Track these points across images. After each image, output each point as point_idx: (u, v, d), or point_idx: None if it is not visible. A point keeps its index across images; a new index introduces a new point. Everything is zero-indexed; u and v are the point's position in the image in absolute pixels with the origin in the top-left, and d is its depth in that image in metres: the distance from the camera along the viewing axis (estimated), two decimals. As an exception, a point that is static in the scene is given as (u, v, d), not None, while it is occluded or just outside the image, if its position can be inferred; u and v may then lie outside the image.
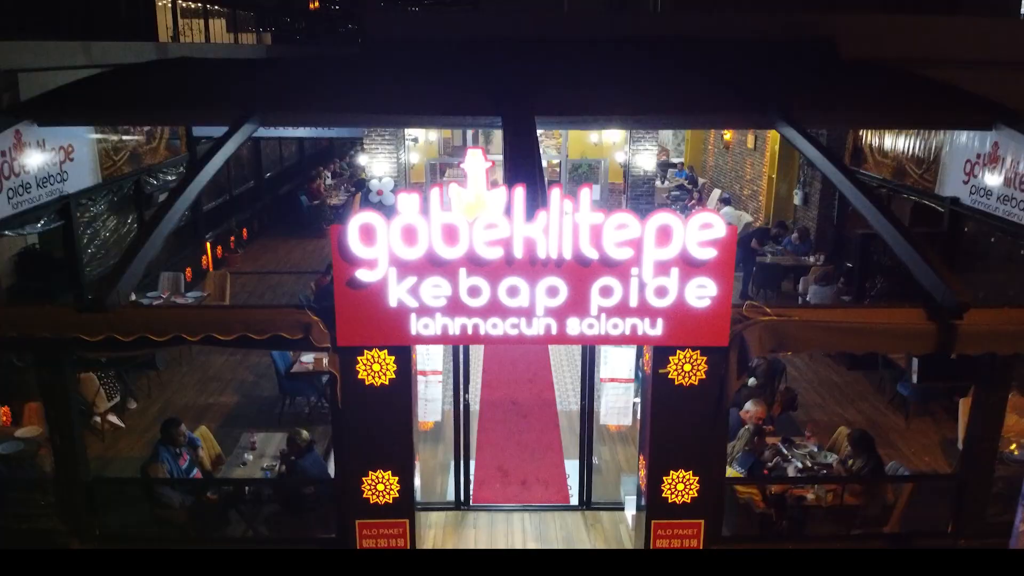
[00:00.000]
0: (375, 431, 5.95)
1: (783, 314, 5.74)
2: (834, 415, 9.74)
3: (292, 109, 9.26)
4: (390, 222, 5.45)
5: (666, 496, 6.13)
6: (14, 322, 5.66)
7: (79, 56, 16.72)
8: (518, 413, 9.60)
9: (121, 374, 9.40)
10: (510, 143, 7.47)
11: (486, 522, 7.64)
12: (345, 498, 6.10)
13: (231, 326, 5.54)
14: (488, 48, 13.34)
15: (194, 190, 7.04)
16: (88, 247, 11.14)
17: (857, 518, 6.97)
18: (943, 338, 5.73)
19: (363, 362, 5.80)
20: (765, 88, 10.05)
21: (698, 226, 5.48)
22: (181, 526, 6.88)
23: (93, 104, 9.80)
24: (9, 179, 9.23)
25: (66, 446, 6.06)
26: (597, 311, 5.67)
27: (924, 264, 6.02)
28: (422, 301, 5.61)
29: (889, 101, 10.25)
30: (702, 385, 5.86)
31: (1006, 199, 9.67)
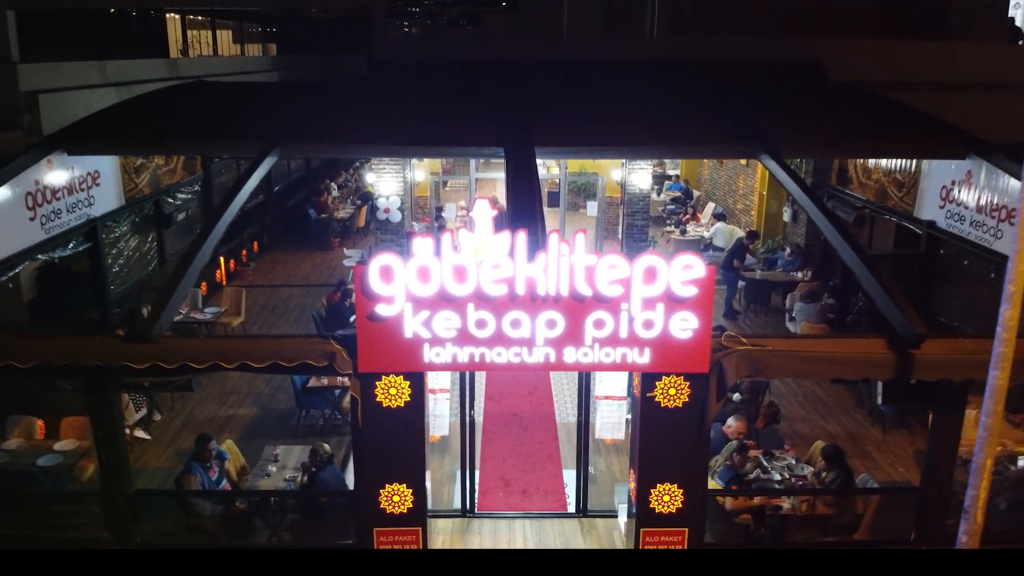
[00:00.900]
0: (391, 448, 6.65)
1: (758, 344, 6.43)
2: (816, 427, 10.43)
3: (309, 141, 9.94)
4: (406, 263, 6.14)
5: (654, 506, 6.82)
6: (67, 352, 6.35)
7: (94, 75, 17.45)
8: (519, 425, 10.29)
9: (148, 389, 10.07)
10: (512, 179, 8.16)
11: (490, 529, 8.34)
12: (364, 508, 6.79)
13: (263, 355, 6.24)
14: (489, 72, 14.03)
15: (223, 225, 7.74)
16: (113, 266, 11.83)
17: (830, 526, 7.66)
18: (902, 366, 6.42)
19: (381, 387, 6.49)
20: (752, 117, 10.73)
21: (680, 267, 6.18)
22: (211, 533, 7.57)
23: (120, 135, 10.48)
24: (42, 206, 9.92)
25: (111, 461, 6.75)
26: (591, 341, 6.36)
27: (886, 297, 6.71)
28: (434, 332, 6.30)
29: (868, 131, 10.93)
30: (685, 407, 6.55)
31: (978, 224, 10.38)
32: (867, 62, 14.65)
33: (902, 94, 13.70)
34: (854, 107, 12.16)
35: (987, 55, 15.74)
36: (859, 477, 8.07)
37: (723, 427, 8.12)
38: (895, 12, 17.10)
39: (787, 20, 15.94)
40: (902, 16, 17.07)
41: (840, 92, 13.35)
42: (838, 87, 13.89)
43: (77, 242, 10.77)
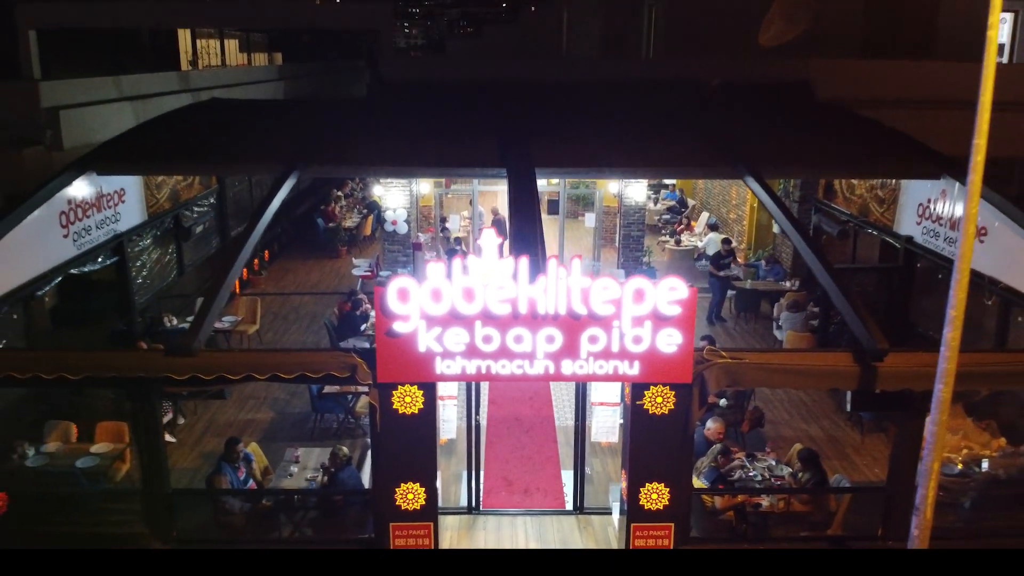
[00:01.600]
0: (406, 451, 7.39)
1: (736, 357, 7.17)
2: (799, 431, 11.16)
3: (326, 163, 10.68)
4: (421, 285, 6.88)
5: (643, 503, 7.56)
6: (115, 365, 7.09)
7: (110, 90, 18.22)
8: (521, 429, 11.03)
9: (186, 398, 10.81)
10: (515, 204, 8.89)
11: (494, 525, 9.08)
12: (381, 505, 7.53)
13: (292, 367, 6.98)
14: (492, 91, 14.77)
15: (250, 246, 8.47)
16: (136, 278, 12.57)
17: (805, 522, 8.40)
18: (867, 378, 7.16)
19: (397, 395, 7.23)
20: (740, 138, 11.49)
21: (666, 289, 6.91)
22: (239, 529, 8.31)
23: (146, 155, 11.22)
24: (74, 224, 10.68)
25: (153, 464, 7.49)
26: (586, 355, 7.09)
27: (854, 314, 7.45)
28: (445, 347, 7.03)
29: (848, 151, 11.67)
30: (671, 414, 7.29)
31: (951, 240, 11.13)
32: (853, 81, 15.39)
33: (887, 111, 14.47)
34: (837, 127, 12.90)
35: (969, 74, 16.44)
36: (833, 477, 8.80)
37: (704, 430, 8.85)
38: (882, 33, 17.86)
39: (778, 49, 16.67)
40: (889, 37, 17.83)
41: (825, 111, 14.10)
42: (824, 105, 14.64)
43: (105, 256, 11.53)
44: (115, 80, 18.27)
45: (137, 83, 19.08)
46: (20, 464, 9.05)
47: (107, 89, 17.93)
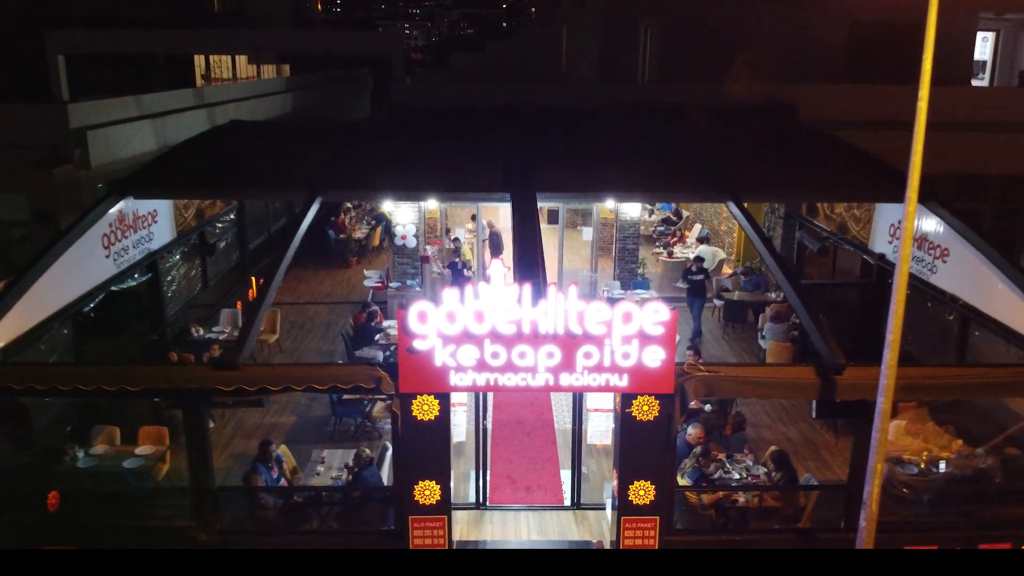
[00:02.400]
0: (424, 452, 8.45)
1: (712, 370, 8.24)
2: (779, 433, 12.23)
3: (345, 188, 11.76)
4: (438, 308, 7.94)
5: (632, 499, 8.63)
6: (168, 378, 8.16)
7: (132, 109, 19.31)
8: (523, 432, 12.10)
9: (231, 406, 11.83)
10: (518, 233, 9.95)
11: (499, 519, 10.15)
12: (401, 500, 8.60)
13: (325, 380, 8.05)
14: (496, 116, 15.81)
15: (283, 269, 9.54)
16: (167, 291, 13.63)
17: (778, 516, 9.46)
18: (827, 389, 8.23)
19: (416, 404, 8.29)
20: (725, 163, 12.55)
21: (651, 311, 7.97)
22: (273, 522, 9.37)
23: (179, 181, 12.29)
24: (114, 244, 11.75)
25: (200, 464, 8.55)
26: (581, 368, 8.15)
27: (817, 332, 8.51)
28: (459, 362, 8.09)
29: (824, 176, 12.73)
30: (656, 420, 8.35)
31: (918, 260, 12.20)
32: (835, 104, 16.45)
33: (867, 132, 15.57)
34: (815, 151, 13.96)
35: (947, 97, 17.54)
36: (803, 476, 9.88)
37: (686, 435, 9.92)
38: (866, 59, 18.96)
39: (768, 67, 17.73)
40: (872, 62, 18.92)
41: (807, 134, 15.15)
42: (806, 128, 15.69)
43: (140, 273, 12.60)
44: (136, 100, 19.31)
45: (156, 101, 20.13)
46: (72, 466, 10.12)
47: (129, 108, 18.98)
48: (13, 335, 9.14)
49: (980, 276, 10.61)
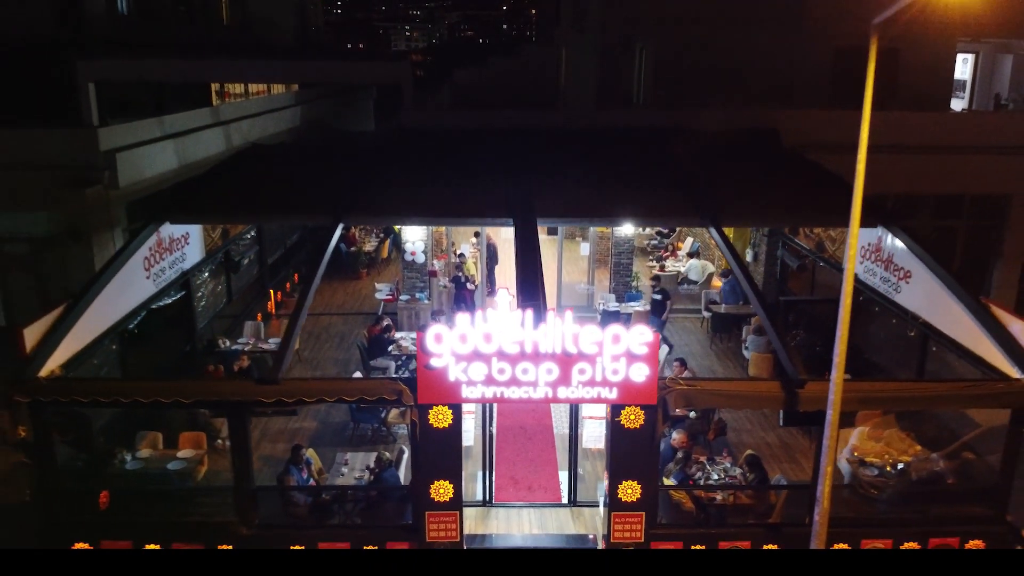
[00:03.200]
0: (439, 456, 9.73)
1: (690, 384, 9.51)
2: (758, 438, 13.50)
3: (365, 213, 13.04)
4: (452, 331, 9.22)
5: (621, 497, 9.90)
6: (217, 391, 9.44)
7: (155, 130, 20.62)
8: (525, 436, 13.38)
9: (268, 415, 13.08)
10: (521, 257, 11.21)
11: (503, 515, 11.43)
12: (418, 498, 9.87)
13: (354, 392, 9.33)
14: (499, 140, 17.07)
15: (313, 290, 10.81)
16: (197, 307, 14.91)
17: (751, 513, 10.73)
18: (791, 401, 9.50)
19: (432, 413, 9.57)
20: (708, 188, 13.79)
21: (637, 334, 9.24)
22: (304, 517, 10.64)
23: (210, 207, 13.57)
24: (153, 266, 13.02)
25: (242, 466, 9.82)
26: (576, 383, 9.42)
27: (784, 351, 9.78)
28: (469, 377, 9.36)
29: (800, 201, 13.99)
30: (641, 428, 9.63)
31: (885, 280, 13.48)
32: (815, 129, 17.71)
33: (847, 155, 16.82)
34: (793, 176, 15.22)
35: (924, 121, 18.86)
36: (775, 477, 11.16)
37: (670, 440, 11.20)
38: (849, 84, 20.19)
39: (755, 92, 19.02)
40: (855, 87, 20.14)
41: (787, 159, 16.40)
42: (788, 152, 16.95)
43: (175, 291, 13.87)
44: (159, 121, 20.59)
45: (176, 121, 21.40)
46: (121, 468, 11.40)
47: (152, 129, 20.25)
48: (73, 351, 10.42)
49: (937, 297, 11.88)
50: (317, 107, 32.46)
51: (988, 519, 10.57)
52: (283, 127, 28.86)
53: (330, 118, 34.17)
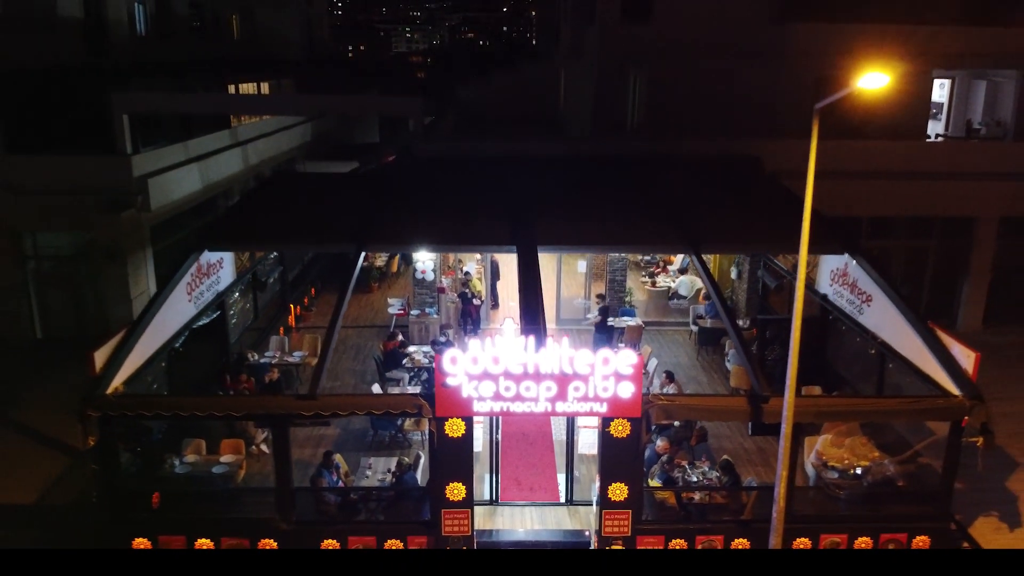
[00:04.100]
0: (453, 461, 11.37)
1: (670, 399, 11.17)
2: (737, 443, 15.15)
3: (383, 241, 14.70)
4: (465, 353, 10.87)
5: (611, 496, 11.55)
6: (264, 406, 11.09)
7: (181, 154, 22.28)
8: (527, 442, 15.05)
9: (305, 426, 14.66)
10: (523, 284, 12.86)
11: (508, 513, 13.08)
12: (435, 497, 11.53)
13: (381, 406, 10.98)
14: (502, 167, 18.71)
15: (342, 313, 12.46)
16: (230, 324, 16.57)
17: (726, 511, 12.39)
18: (757, 414, 11.15)
19: (448, 425, 11.22)
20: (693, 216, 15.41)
21: (624, 357, 10.89)
22: (334, 514, 12.29)
23: (244, 235, 15.21)
24: (194, 291, 14.67)
25: (283, 470, 11.48)
26: (572, 399, 11.06)
27: (751, 367, 11.43)
28: (480, 393, 11.00)
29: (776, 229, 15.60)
30: (628, 437, 11.28)
31: (851, 302, 15.13)
32: (794, 156, 19.27)
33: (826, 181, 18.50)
34: (772, 204, 16.84)
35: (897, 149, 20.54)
36: (747, 479, 12.81)
37: (655, 446, 12.85)
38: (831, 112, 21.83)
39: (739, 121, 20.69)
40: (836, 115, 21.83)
41: (767, 186, 18.05)
42: (768, 180, 18.60)
43: (211, 311, 15.53)
44: (184, 146, 22.25)
45: (200, 145, 23.08)
46: (170, 471, 13.05)
47: (179, 154, 21.93)
48: (132, 370, 12.07)
49: (893, 320, 13.52)
50: (326, 122, 34.13)
51: (932, 517, 12.22)
52: (295, 143, 30.56)
53: (339, 132, 35.83)
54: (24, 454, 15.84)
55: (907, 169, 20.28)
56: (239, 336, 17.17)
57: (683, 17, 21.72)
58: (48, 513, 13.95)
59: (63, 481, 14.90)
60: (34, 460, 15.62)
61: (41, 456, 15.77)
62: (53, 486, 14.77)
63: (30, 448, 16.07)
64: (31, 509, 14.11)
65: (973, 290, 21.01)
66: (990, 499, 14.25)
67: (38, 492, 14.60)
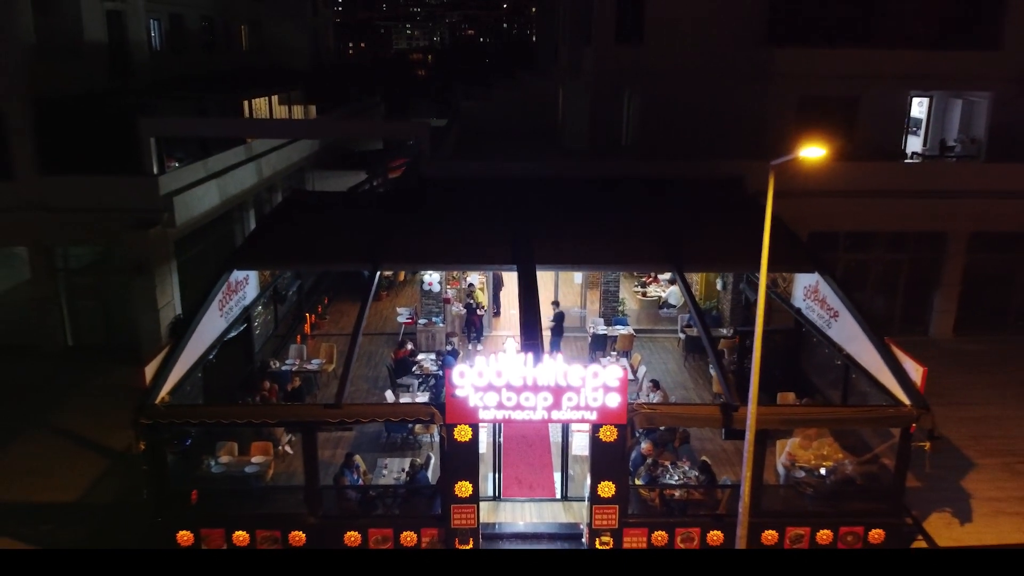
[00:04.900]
0: (461, 462, 13.06)
1: (653, 408, 12.85)
2: (717, 445, 16.82)
3: (398, 260, 16.39)
4: (472, 368, 12.54)
5: (600, 493, 13.23)
6: (294, 414, 12.78)
7: (201, 171, 23.89)
8: (526, 444, 16.74)
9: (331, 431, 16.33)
10: (523, 302, 14.52)
11: (509, 508, 14.77)
12: (445, 493, 13.21)
13: (399, 414, 12.67)
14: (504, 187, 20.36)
15: (360, 329, 14.14)
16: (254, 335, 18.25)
17: (702, 506, 14.07)
18: (728, 421, 12.83)
19: (457, 430, 12.89)
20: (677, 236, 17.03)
21: (611, 371, 12.56)
22: (354, 510, 13.99)
23: (269, 255, 16.88)
24: (225, 306, 16.33)
25: (311, 470, 13.16)
26: (566, 408, 12.73)
27: (723, 380, 13.11)
28: (484, 403, 12.67)
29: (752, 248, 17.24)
30: (615, 441, 12.95)
31: (821, 316, 16.80)
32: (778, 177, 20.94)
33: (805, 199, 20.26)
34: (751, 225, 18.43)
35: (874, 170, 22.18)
36: (723, 478, 14.51)
37: (641, 448, 14.54)
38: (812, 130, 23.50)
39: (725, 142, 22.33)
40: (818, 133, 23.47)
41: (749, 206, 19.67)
42: (750, 199, 20.21)
43: (239, 324, 17.20)
44: (204, 163, 23.89)
45: (218, 161, 24.73)
46: (207, 471, 14.74)
47: (199, 171, 23.57)
48: (175, 382, 13.74)
49: (856, 335, 15.18)
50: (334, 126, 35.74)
51: (887, 513, 13.89)
52: (304, 154, 32.19)
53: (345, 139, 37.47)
54: (63, 456, 17.52)
55: (884, 188, 21.91)
56: (262, 345, 18.85)
57: (673, 41, 23.32)
58: (92, 511, 15.59)
59: (102, 482, 16.59)
60: (73, 462, 17.28)
61: (79, 458, 17.44)
62: (93, 486, 16.46)
63: (69, 450, 17.76)
64: (75, 507, 15.78)
65: (945, 300, 22.67)
66: (945, 497, 15.93)
67: (79, 492, 16.30)
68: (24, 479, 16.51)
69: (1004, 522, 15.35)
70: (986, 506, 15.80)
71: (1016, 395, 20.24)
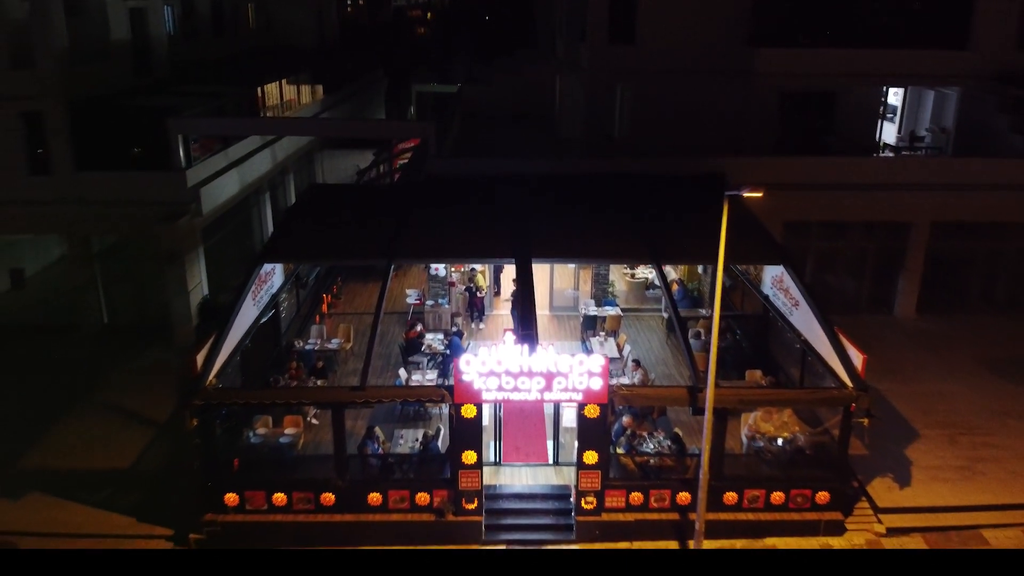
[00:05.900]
0: (467, 435, 15.64)
1: (631, 389, 15.41)
2: (691, 418, 19.31)
3: (409, 256, 18.81)
4: (477, 358, 15.04)
5: (585, 460, 15.83)
6: (325, 396, 15.33)
7: (223, 161, 26.18)
8: (523, 416, 19.34)
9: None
10: (521, 296, 16.98)
11: (509, 471, 17.40)
12: (454, 461, 15.82)
13: (416, 396, 15.22)
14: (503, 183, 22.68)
15: (378, 321, 16.63)
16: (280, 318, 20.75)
17: (674, 472, 16.69)
18: (693, 400, 15.38)
19: (463, 409, 15.43)
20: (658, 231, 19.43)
21: (594, 360, 15.07)
22: (376, 475, 16.60)
23: (293, 251, 19.31)
24: (257, 296, 18.80)
25: (339, 441, 15.76)
26: (556, 390, 15.26)
27: (691, 363, 15.63)
28: (487, 386, 15.18)
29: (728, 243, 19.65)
30: (598, 417, 15.51)
31: (784, 305, 19.29)
32: (753, 172, 23.29)
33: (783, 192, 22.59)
34: (728, 221, 20.82)
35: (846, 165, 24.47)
36: (692, 447, 17.13)
37: (623, 421, 17.13)
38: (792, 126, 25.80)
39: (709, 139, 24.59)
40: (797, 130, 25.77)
41: (728, 201, 21.97)
42: (730, 194, 22.48)
43: (268, 311, 19.69)
44: (225, 154, 26.16)
45: (237, 150, 26.99)
46: (247, 442, 17.34)
47: (221, 161, 25.85)
48: (219, 365, 16.26)
49: (811, 323, 17.66)
50: (338, 113, 37.88)
51: (832, 479, 16.50)
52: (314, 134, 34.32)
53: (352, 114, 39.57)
54: (114, 427, 20.18)
55: (853, 181, 24.23)
56: (287, 327, 21.37)
57: (664, 39, 25.44)
58: (144, 477, 18.24)
59: (150, 450, 19.26)
60: (122, 433, 19.94)
61: (127, 429, 20.11)
62: (143, 454, 19.13)
63: (119, 422, 20.40)
64: (129, 473, 18.44)
65: (908, 284, 25.13)
66: (889, 464, 18.55)
67: (131, 459, 18.97)
68: (83, 449, 19.19)
69: (939, 487, 18.00)
70: (925, 473, 18.44)
71: (967, 372, 22.81)
